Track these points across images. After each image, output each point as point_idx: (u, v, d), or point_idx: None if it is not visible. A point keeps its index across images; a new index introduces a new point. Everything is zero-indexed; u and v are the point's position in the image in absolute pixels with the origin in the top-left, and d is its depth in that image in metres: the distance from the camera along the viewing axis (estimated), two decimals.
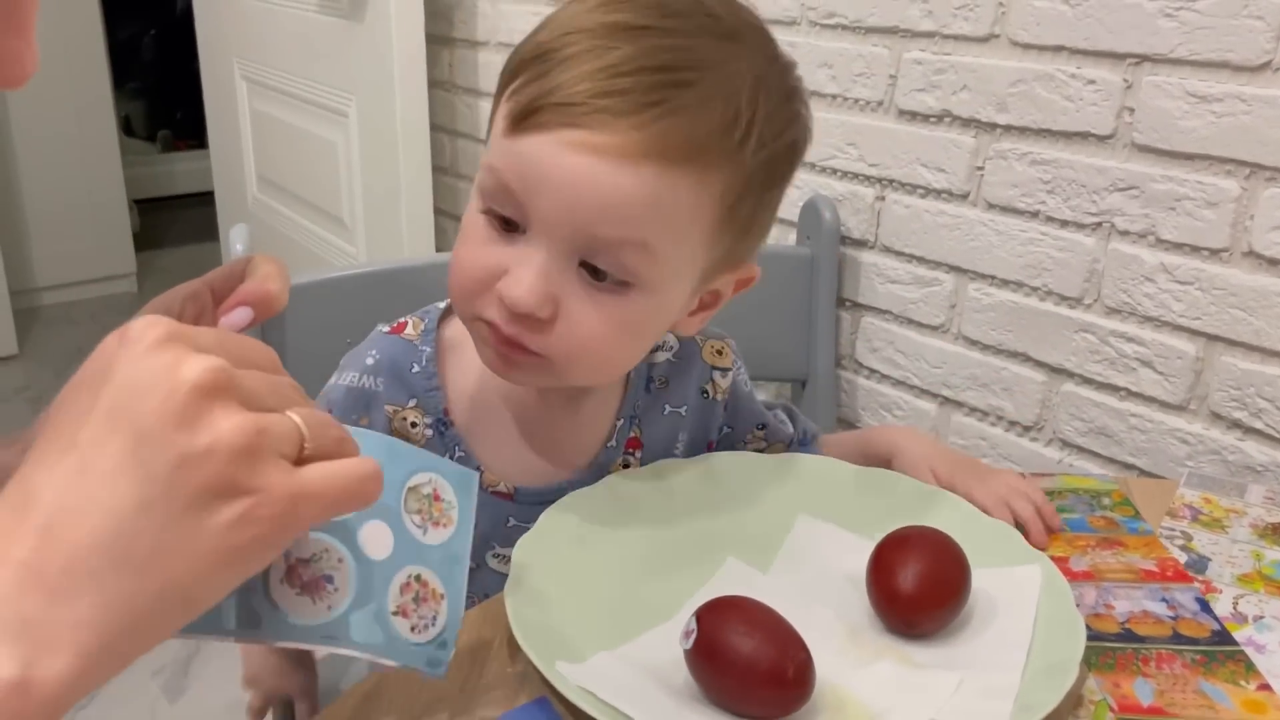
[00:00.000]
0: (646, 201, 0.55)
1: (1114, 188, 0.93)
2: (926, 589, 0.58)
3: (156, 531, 0.34)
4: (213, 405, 0.35)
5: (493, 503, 0.68)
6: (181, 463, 0.34)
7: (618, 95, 0.54)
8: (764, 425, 0.79)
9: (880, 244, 1.13)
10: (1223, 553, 0.71)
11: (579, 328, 0.58)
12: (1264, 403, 0.88)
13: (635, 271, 0.58)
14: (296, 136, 1.78)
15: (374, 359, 0.69)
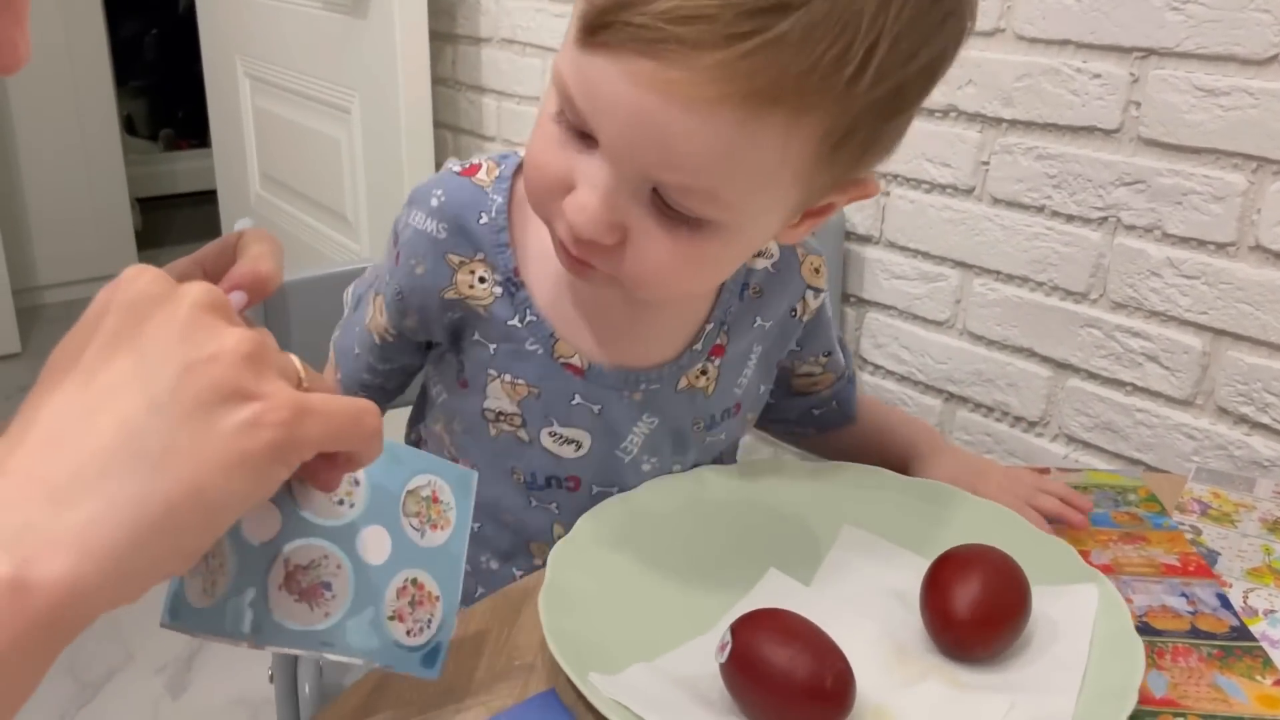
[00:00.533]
0: (719, 151, 0.48)
1: (1120, 182, 0.92)
2: (985, 613, 0.55)
3: (165, 432, 0.33)
4: (215, 319, 0.36)
5: (561, 375, 0.64)
6: (188, 368, 0.34)
7: (701, 22, 0.44)
8: (830, 353, 0.76)
9: (885, 239, 1.12)
10: (1232, 547, 0.71)
11: (649, 258, 0.53)
12: (1271, 397, 0.87)
13: (709, 215, 0.51)
14: (299, 133, 1.78)
15: (438, 200, 0.63)
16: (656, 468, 0.69)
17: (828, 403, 0.80)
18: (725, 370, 0.68)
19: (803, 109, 0.47)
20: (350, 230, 1.70)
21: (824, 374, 0.77)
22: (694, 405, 0.69)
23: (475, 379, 0.66)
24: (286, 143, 1.84)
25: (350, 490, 0.46)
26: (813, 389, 0.79)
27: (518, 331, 0.64)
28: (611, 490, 0.68)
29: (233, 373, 0.34)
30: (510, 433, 0.67)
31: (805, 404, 0.80)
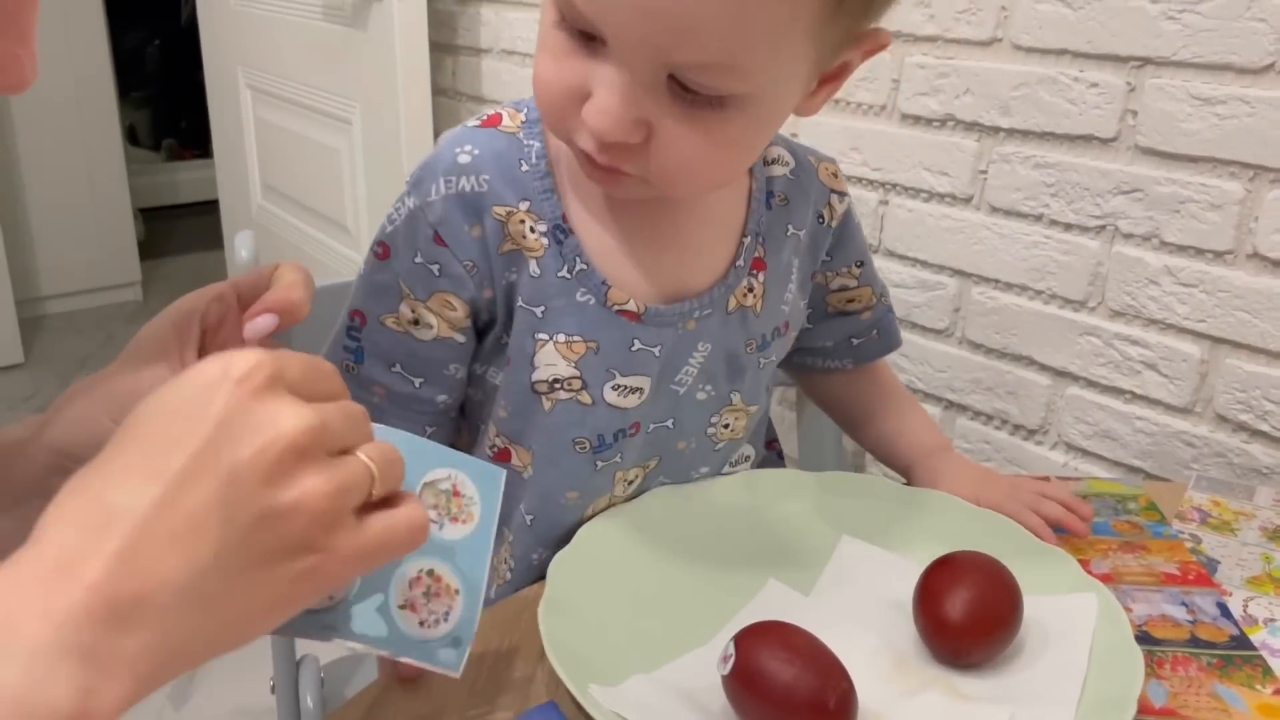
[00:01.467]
0: (729, 16, 0.47)
1: (1117, 191, 0.93)
2: (975, 618, 0.56)
3: (228, 578, 0.34)
4: (303, 463, 0.36)
5: (618, 324, 0.63)
6: (265, 515, 0.35)
7: None
8: (863, 263, 0.76)
9: (884, 248, 1.13)
10: (1232, 555, 0.71)
11: (676, 149, 0.53)
12: (1270, 405, 0.87)
13: (729, 89, 0.51)
14: (301, 144, 1.78)
15: (470, 154, 0.60)
16: (712, 395, 0.69)
17: (869, 330, 0.79)
18: (770, 286, 0.68)
19: None
20: (351, 240, 1.71)
21: (860, 288, 0.77)
22: (745, 326, 0.68)
23: (521, 351, 0.63)
24: (288, 153, 1.85)
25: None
26: (850, 306, 0.77)
27: (568, 284, 0.62)
28: (666, 424, 0.67)
29: (306, 530, 0.36)
30: (569, 399, 0.64)
31: (845, 329, 0.79)
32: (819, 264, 0.74)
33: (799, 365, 0.83)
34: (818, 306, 0.78)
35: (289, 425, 0.36)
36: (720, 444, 0.72)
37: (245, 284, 0.52)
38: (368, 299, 0.65)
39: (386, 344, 0.64)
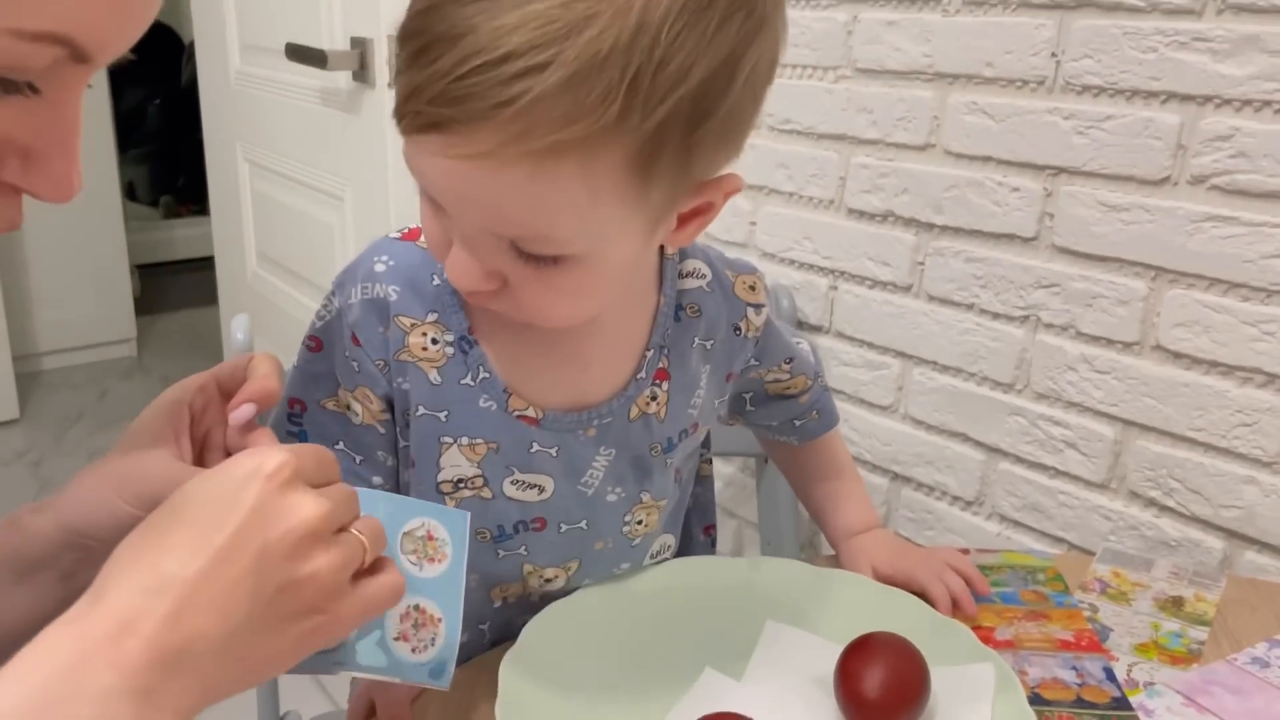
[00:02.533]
0: (527, 203, 0.52)
1: (1038, 284, 1.02)
2: (891, 693, 0.63)
3: (255, 634, 0.44)
4: (316, 544, 0.46)
5: (517, 427, 0.68)
6: (286, 586, 0.45)
7: (470, 99, 0.48)
8: (791, 359, 0.82)
9: (834, 329, 1.22)
10: (1124, 624, 0.79)
11: (529, 296, 0.58)
12: (1175, 483, 0.96)
13: (557, 252, 0.55)
14: (295, 217, 1.88)
15: (386, 265, 0.65)
16: (622, 496, 0.73)
17: (807, 412, 0.86)
18: (675, 393, 0.72)
19: (589, 153, 0.50)
20: None
21: (794, 378, 0.83)
22: (649, 431, 0.72)
23: (426, 454, 0.68)
24: (283, 225, 1.94)
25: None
26: (788, 391, 0.84)
27: (471, 390, 0.67)
28: (580, 525, 0.72)
29: (317, 597, 0.46)
30: (472, 495, 0.69)
31: (785, 411, 0.85)
32: (741, 368, 0.79)
33: (756, 430, 0.90)
34: (758, 391, 0.84)
35: (308, 514, 0.46)
36: (636, 540, 0.76)
37: (224, 374, 0.60)
38: (306, 387, 0.70)
39: (329, 425, 0.70)
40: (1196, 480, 0.94)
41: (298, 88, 1.76)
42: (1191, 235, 0.91)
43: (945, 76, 1.05)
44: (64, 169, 0.42)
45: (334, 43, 1.62)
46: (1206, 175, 0.90)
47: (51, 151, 0.41)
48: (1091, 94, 0.95)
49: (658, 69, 0.49)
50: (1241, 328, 0.89)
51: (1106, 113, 0.94)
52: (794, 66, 1.19)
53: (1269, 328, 0.88)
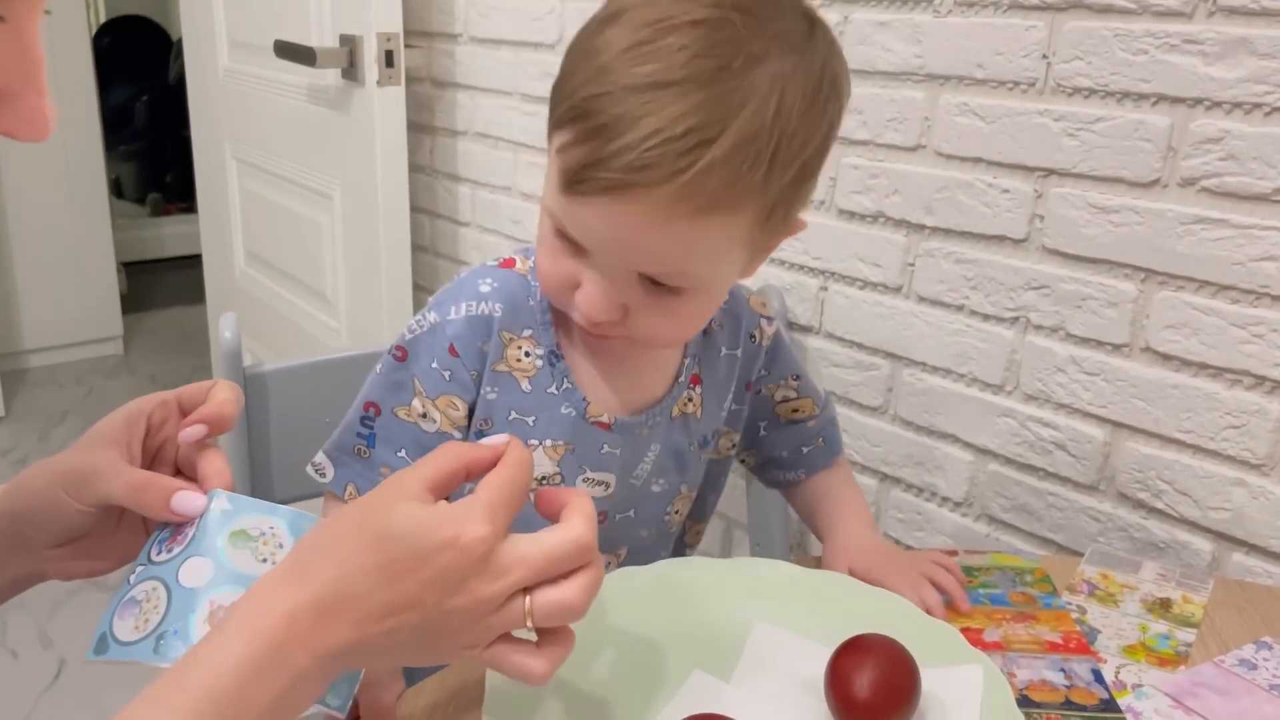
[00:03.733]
0: (680, 250, 0.65)
1: (1028, 286, 1.02)
2: (881, 695, 0.62)
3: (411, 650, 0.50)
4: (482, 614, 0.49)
5: (593, 432, 0.77)
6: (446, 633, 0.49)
7: (650, 169, 0.60)
8: (799, 376, 0.90)
9: (825, 330, 1.22)
10: (1112, 625, 0.79)
11: (649, 323, 0.69)
12: (1163, 484, 0.96)
13: (685, 284, 0.67)
14: (284, 215, 1.87)
15: (490, 286, 0.75)
16: (665, 488, 0.83)
17: (815, 438, 0.91)
18: (707, 395, 0.83)
19: (735, 208, 0.64)
20: (330, 309, 1.78)
21: (801, 399, 0.91)
22: (688, 428, 0.82)
23: None
24: (271, 223, 1.93)
25: (275, 552, 0.55)
26: (797, 415, 0.91)
27: (555, 398, 0.76)
28: (629, 514, 0.82)
29: (472, 641, 0.50)
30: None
31: (795, 438, 0.91)
32: (755, 376, 0.87)
33: (769, 476, 0.95)
34: (771, 418, 0.91)
35: (483, 594, 0.49)
36: (674, 528, 0.86)
37: (186, 394, 0.62)
38: (384, 393, 0.76)
39: (397, 432, 0.75)
40: (1185, 482, 0.95)
41: (286, 85, 1.75)
42: (1181, 237, 0.91)
43: (936, 78, 1.05)
44: (37, 105, 0.42)
45: (323, 40, 1.61)
46: (1196, 177, 0.90)
47: (22, 88, 0.41)
48: (1082, 96, 0.95)
49: (790, 140, 0.63)
50: (1231, 330, 0.90)
51: (1097, 114, 0.94)
52: None
53: (1258, 330, 0.88)
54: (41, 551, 0.61)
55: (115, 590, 0.57)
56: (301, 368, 1.07)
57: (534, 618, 0.49)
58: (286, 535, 0.56)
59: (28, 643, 1.92)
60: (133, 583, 0.56)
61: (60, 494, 0.57)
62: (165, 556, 0.56)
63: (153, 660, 0.51)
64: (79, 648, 1.88)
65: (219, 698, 0.45)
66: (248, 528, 0.56)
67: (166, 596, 0.53)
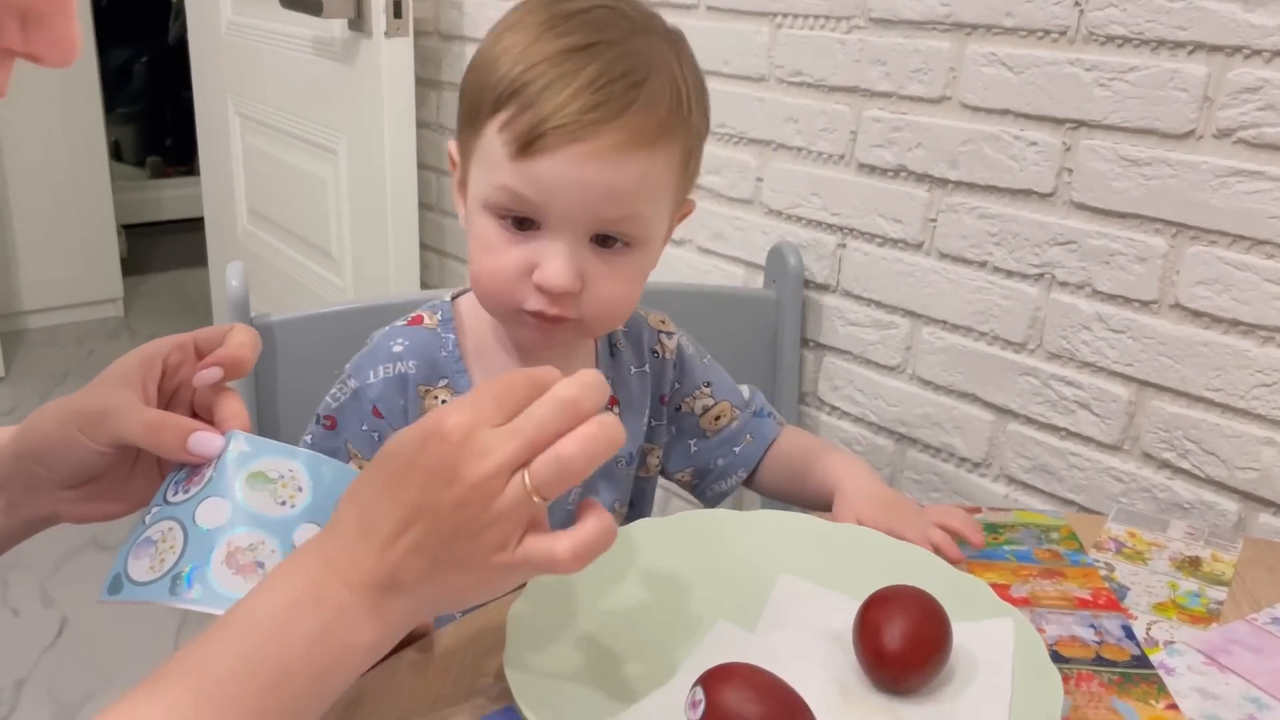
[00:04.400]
0: (638, 182, 0.69)
1: (1054, 241, 1.00)
2: (912, 647, 0.60)
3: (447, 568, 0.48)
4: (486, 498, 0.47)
5: None
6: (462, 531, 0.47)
7: (602, 107, 0.66)
8: (710, 383, 0.91)
9: (842, 288, 1.19)
10: (1141, 583, 0.77)
11: (603, 289, 0.71)
12: (1190, 444, 0.94)
13: (635, 235, 0.71)
14: (287, 171, 1.84)
15: (402, 345, 0.78)
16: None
17: (742, 436, 0.91)
18: (625, 414, 0.85)
19: (672, 139, 0.70)
20: (334, 266, 1.76)
21: (719, 403, 0.91)
22: None
23: None
24: (274, 179, 1.90)
25: (294, 495, 0.54)
26: (719, 423, 0.91)
27: None
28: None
29: (495, 539, 0.47)
30: None
31: (726, 443, 0.91)
32: (669, 389, 0.89)
33: (712, 496, 0.93)
34: (698, 433, 0.91)
35: (475, 476, 0.46)
36: None
37: (203, 337, 0.61)
38: None
39: None
40: (1213, 441, 0.93)
41: (290, 38, 1.72)
42: (1215, 191, 0.89)
43: (963, 27, 1.02)
44: (65, 28, 0.41)
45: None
46: (1233, 128, 0.87)
47: (51, 11, 0.40)
48: (1115, 44, 0.93)
49: (695, 83, 0.73)
50: (1264, 285, 0.87)
51: (1130, 64, 0.92)
52: (805, 17, 1.16)
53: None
54: (54, 493, 0.59)
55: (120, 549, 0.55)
56: (308, 319, 1.05)
57: (534, 485, 0.47)
58: (305, 478, 0.54)
59: (29, 601, 1.91)
60: (148, 523, 0.54)
61: (74, 432, 0.56)
62: (182, 497, 0.54)
63: (168, 600, 0.50)
64: (81, 606, 1.87)
65: (259, 630, 0.46)
66: (266, 470, 0.54)
67: (183, 536, 0.52)
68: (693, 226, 1.32)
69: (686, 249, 1.34)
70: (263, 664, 0.45)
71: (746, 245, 1.27)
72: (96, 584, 0.53)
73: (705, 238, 1.32)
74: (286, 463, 0.54)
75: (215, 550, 0.51)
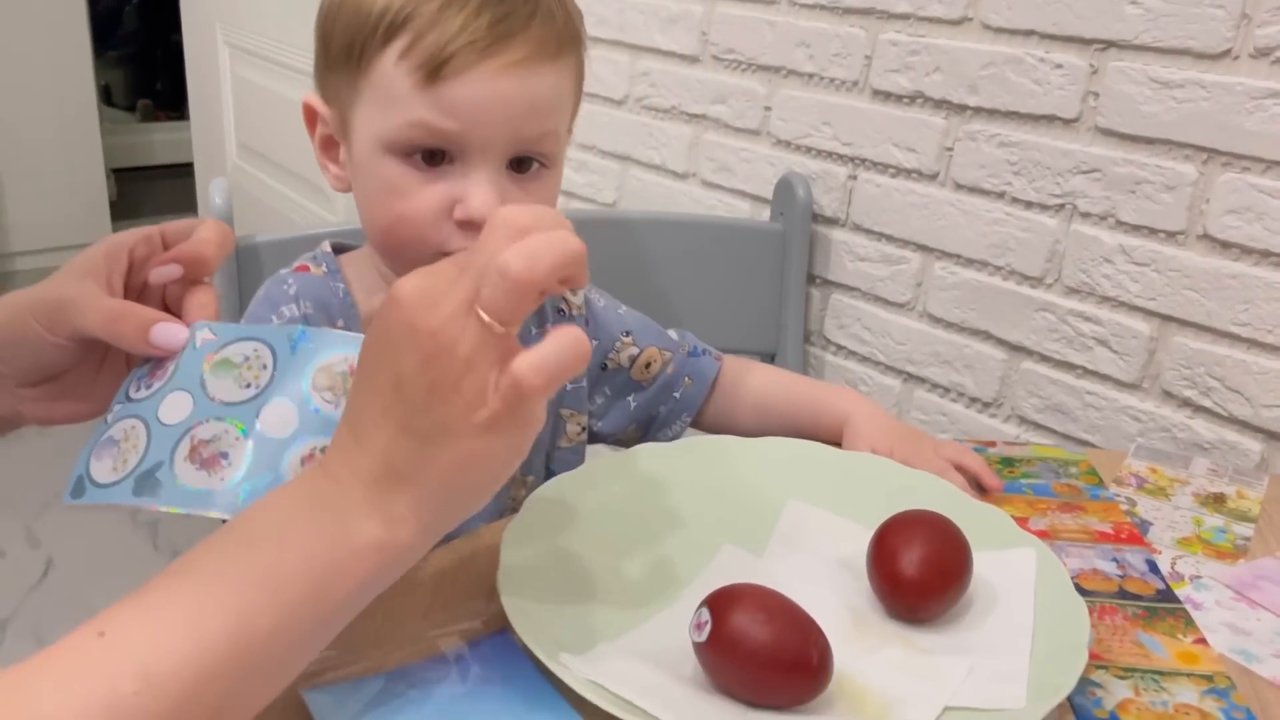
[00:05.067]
0: (552, 95, 0.68)
1: (1077, 170, 0.95)
2: (931, 573, 0.57)
3: (434, 442, 0.44)
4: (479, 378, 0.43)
5: None
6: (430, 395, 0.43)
7: (507, 20, 0.64)
8: (629, 331, 0.86)
9: (851, 222, 1.15)
10: (1164, 518, 0.74)
11: None
12: (1213, 381, 0.90)
13: (552, 154, 0.69)
14: (278, 103, 1.78)
15: (293, 288, 0.73)
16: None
17: (680, 380, 0.87)
18: None
19: (570, 53, 0.69)
20: (325, 201, 1.71)
21: (644, 350, 0.86)
22: None
23: None
24: (265, 112, 1.84)
25: (258, 374, 0.50)
26: (651, 370, 0.86)
27: None
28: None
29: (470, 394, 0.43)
30: None
31: (665, 389, 0.86)
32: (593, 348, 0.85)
33: (658, 435, 0.88)
34: (635, 387, 0.86)
35: (431, 324, 0.43)
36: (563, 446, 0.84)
37: (171, 230, 0.58)
38: None
39: None
40: (1237, 378, 0.89)
41: None
42: (1250, 114, 0.84)
43: None
44: None
45: None
46: (1271, 47, 0.83)
47: None
48: None
49: (579, 19, 0.71)
50: None
51: None
52: None
53: None
54: (15, 391, 0.55)
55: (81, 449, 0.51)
56: (294, 240, 1.00)
57: (485, 310, 0.43)
58: (270, 357, 0.50)
59: (15, 542, 1.88)
60: (110, 422, 0.50)
61: (31, 323, 0.52)
62: (144, 394, 0.50)
63: (132, 501, 0.46)
64: (67, 547, 1.84)
65: (254, 536, 0.43)
66: (231, 356, 0.50)
67: (146, 435, 0.48)
68: (697, 158, 1.28)
69: (690, 182, 1.30)
70: (259, 568, 0.42)
71: (753, 178, 1.23)
72: (83, 525, 0.50)
73: (710, 170, 1.27)
74: (251, 344, 0.50)
75: (178, 447, 0.47)
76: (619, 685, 0.49)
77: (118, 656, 0.38)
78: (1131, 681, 0.56)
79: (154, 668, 0.38)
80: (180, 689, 0.38)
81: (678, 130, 1.29)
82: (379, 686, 0.51)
